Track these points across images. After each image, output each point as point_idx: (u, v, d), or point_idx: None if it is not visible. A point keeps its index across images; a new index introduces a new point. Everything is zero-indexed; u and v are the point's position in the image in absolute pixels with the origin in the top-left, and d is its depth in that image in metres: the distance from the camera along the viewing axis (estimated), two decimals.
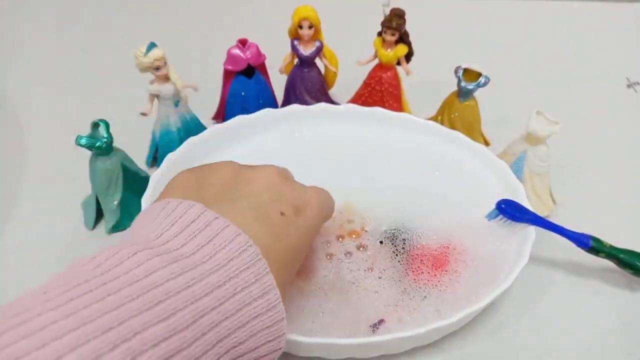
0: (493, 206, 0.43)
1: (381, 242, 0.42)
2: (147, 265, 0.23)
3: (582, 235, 0.40)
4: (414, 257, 0.41)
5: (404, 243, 0.42)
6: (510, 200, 0.41)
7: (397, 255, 0.41)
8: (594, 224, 0.49)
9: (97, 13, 0.82)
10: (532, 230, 0.40)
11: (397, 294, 0.38)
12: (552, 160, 0.47)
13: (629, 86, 0.67)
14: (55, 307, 0.20)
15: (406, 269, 0.40)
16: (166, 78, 0.48)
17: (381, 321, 0.37)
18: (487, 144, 0.55)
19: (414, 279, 0.39)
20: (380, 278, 0.39)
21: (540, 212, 0.47)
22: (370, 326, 0.36)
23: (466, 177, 0.47)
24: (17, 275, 0.44)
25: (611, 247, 0.40)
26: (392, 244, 0.42)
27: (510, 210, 0.41)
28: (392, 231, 0.43)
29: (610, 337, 0.40)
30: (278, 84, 0.58)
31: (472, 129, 0.53)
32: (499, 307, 0.41)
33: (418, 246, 0.42)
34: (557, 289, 0.43)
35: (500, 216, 0.41)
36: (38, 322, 0.19)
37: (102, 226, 0.47)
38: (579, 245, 0.40)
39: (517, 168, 0.46)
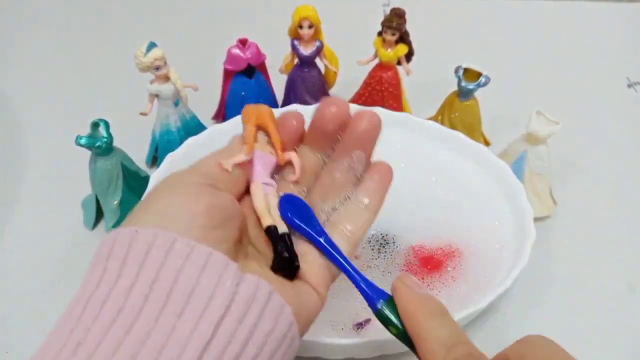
0: (493, 207, 0.43)
1: (381, 244, 0.42)
2: None
3: (377, 291, 0.26)
4: (411, 260, 0.41)
5: (400, 244, 0.42)
6: (296, 199, 0.28)
7: (392, 257, 0.41)
8: (594, 224, 0.49)
9: (97, 13, 0.81)
10: (532, 230, 0.40)
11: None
12: (552, 160, 0.47)
13: (629, 86, 0.67)
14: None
15: (402, 272, 0.40)
16: (166, 78, 0.48)
17: (367, 320, 0.37)
18: (487, 144, 0.55)
19: None
20: (372, 279, 0.39)
21: (541, 212, 0.47)
22: (355, 325, 0.36)
23: (466, 177, 0.47)
24: (17, 275, 0.44)
25: (398, 327, 0.25)
26: (387, 245, 0.42)
27: (291, 212, 0.27)
28: (387, 233, 0.43)
29: (610, 337, 0.40)
30: (278, 84, 0.58)
31: (473, 129, 0.53)
32: (499, 308, 0.41)
33: (416, 248, 0.42)
34: (557, 290, 0.43)
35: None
36: None
37: (102, 226, 0.47)
38: (369, 303, 0.26)
39: (517, 168, 0.46)
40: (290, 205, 0.27)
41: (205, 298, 0.20)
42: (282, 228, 0.26)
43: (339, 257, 0.27)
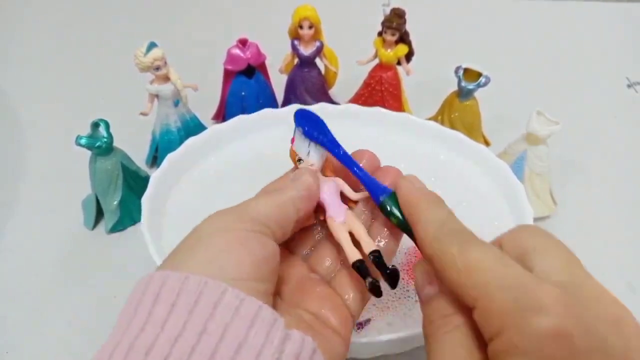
0: (493, 207, 0.43)
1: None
2: None
3: (380, 186, 0.29)
4: (412, 259, 0.41)
5: (401, 244, 0.42)
6: (308, 113, 0.30)
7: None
8: (594, 224, 0.49)
9: (97, 13, 0.82)
10: None
11: (389, 296, 0.38)
12: (552, 160, 0.47)
13: (629, 86, 0.67)
14: None
15: (400, 272, 0.40)
16: (166, 78, 0.48)
17: (367, 320, 0.37)
18: (487, 144, 0.55)
19: (408, 282, 0.39)
20: None
21: (541, 212, 0.47)
22: (355, 325, 0.36)
23: (466, 177, 0.47)
24: (17, 275, 0.44)
25: (398, 217, 0.28)
26: None
27: (306, 124, 0.30)
28: None
29: None
30: (278, 84, 0.58)
31: (473, 129, 0.53)
32: None
33: (414, 249, 0.42)
34: None
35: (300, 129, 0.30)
36: None
37: (102, 226, 0.47)
38: (372, 197, 0.29)
39: (517, 168, 0.46)
40: (306, 119, 0.29)
41: (252, 356, 0.20)
42: (370, 246, 0.27)
43: (349, 160, 0.29)
